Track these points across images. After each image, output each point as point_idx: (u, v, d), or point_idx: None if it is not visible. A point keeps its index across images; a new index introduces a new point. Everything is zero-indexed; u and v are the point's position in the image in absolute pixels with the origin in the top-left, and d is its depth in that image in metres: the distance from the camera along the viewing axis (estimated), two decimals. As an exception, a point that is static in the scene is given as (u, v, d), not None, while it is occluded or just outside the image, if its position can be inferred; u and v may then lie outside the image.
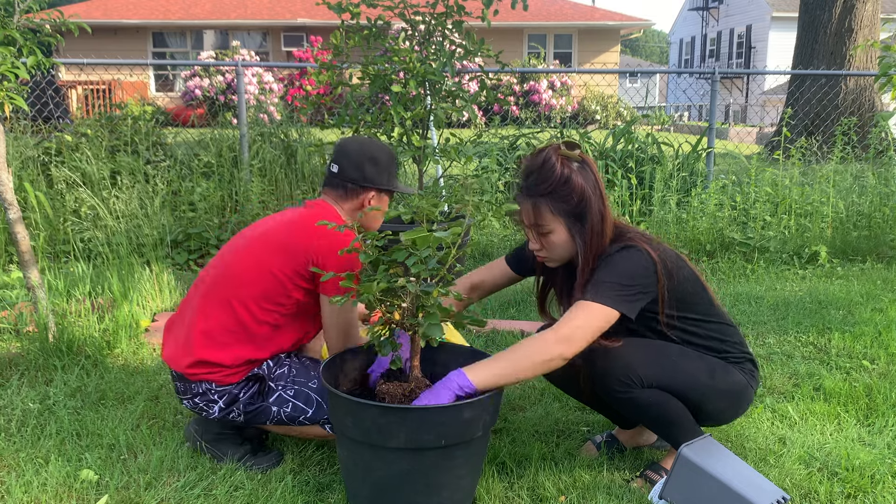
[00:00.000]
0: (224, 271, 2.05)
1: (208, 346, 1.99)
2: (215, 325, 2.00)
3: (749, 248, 4.75)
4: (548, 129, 6.54)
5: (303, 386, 2.05)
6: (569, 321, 1.77)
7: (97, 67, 7.72)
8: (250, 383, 2.03)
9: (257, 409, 2.03)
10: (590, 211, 1.87)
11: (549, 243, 1.92)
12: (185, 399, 2.06)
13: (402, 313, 1.78)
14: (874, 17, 9.75)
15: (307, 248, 1.99)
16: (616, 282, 1.81)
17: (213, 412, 2.03)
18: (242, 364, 2.01)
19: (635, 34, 22.45)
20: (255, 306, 1.99)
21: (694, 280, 1.96)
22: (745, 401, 2.00)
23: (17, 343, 3.02)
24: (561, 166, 1.86)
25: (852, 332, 3.29)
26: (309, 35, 17.11)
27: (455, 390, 1.71)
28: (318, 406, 2.03)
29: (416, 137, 3.84)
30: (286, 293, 2.00)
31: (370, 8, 3.73)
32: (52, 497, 1.90)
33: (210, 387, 2.01)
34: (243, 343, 2.00)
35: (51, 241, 4.61)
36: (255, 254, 2.03)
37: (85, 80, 11.74)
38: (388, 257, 1.77)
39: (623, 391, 1.84)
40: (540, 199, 1.87)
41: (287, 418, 2.04)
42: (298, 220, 2.07)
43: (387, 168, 2.18)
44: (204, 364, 1.99)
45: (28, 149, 5.11)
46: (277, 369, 2.06)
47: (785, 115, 5.85)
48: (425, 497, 1.76)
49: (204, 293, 2.05)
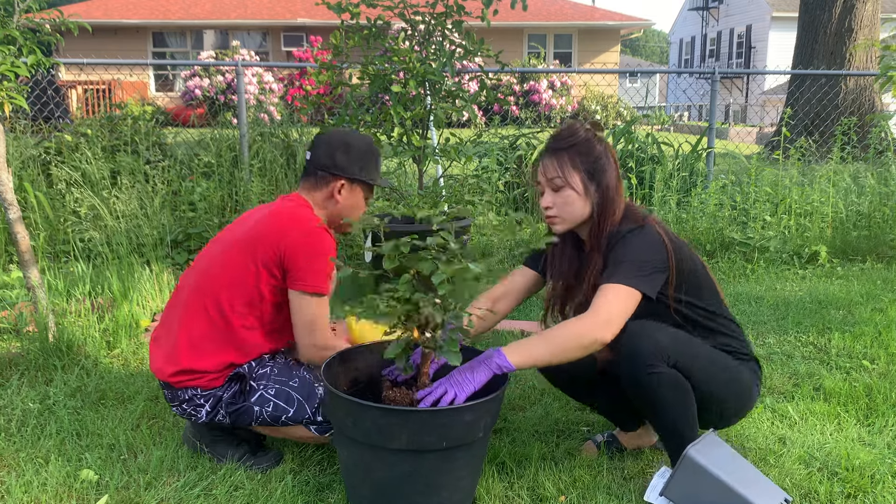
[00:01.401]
0: (199, 279, 2.05)
1: (192, 356, 2.00)
2: (197, 335, 2.01)
3: (749, 248, 4.75)
4: (548, 129, 6.54)
5: (284, 385, 2.03)
6: (604, 304, 1.79)
7: (97, 67, 7.71)
8: (232, 383, 2.03)
9: (239, 408, 2.02)
10: (606, 174, 1.95)
11: (563, 199, 1.95)
12: (174, 406, 2.06)
13: (422, 333, 1.76)
14: (874, 16, 9.75)
15: (277, 243, 1.98)
16: (633, 260, 1.85)
17: (201, 416, 2.03)
18: (226, 368, 2.01)
19: (635, 34, 22.44)
20: (231, 311, 1.99)
21: (703, 272, 2.00)
22: (750, 401, 2.01)
23: (17, 343, 3.02)
24: (585, 132, 1.98)
25: (852, 332, 3.29)
26: (309, 35, 17.10)
27: (494, 370, 1.75)
28: (300, 406, 2.01)
29: (416, 137, 3.84)
30: (256, 287, 1.98)
31: (370, 8, 3.73)
32: (52, 497, 1.90)
33: (196, 392, 2.01)
34: (226, 349, 2.00)
35: (51, 241, 4.61)
36: (228, 257, 2.03)
37: (85, 79, 11.73)
38: (411, 264, 1.71)
39: (653, 366, 1.82)
40: (562, 152, 1.95)
41: (270, 418, 2.02)
42: (269, 214, 2.05)
43: (361, 158, 2.13)
44: (188, 372, 2.00)
45: (28, 149, 5.11)
46: (260, 369, 2.05)
47: (785, 115, 5.85)
48: (425, 497, 1.76)
49: (185, 302, 2.05)
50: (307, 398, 2.02)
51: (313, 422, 2.02)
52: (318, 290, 2.00)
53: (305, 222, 2.03)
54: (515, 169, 5.86)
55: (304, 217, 2.05)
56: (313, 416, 2.02)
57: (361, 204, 2.20)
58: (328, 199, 2.13)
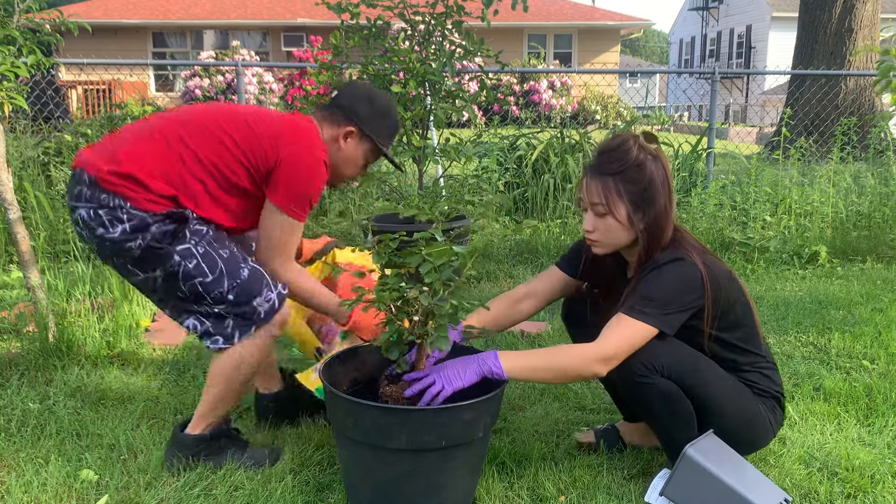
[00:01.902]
0: (180, 116, 1.95)
1: (140, 168, 1.84)
2: (150, 155, 1.86)
3: (749, 248, 4.75)
4: (548, 130, 6.53)
5: (215, 251, 1.91)
6: (614, 339, 1.77)
7: (97, 67, 7.71)
8: (168, 220, 1.86)
9: (160, 250, 1.85)
10: (655, 202, 1.85)
11: (606, 226, 1.88)
12: (82, 207, 1.85)
13: (412, 321, 1.76)
14: (874, 17, 9.75)
15: (274, 143, 1.91)
16: (661, 298, 1.79)
17: (111, 233, 1.84)
18: (168, 199, 1.86)
19: (635, 34, 22.45)
20: (194, 161, 1.88)
21: (745, 306, 1.93)
22: (764, 435, 1.98)
23: (17, 343, 3.02)
24: (637, 151, 1.86)
25: (852, 332, 3.29)
26: (309, 35, 17.09)
27: (486, 372, 1.74)
28: (220, 276, 1.89)
29: (416, 137, 3.84)
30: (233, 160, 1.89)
31: (370, 8, 3.73)
32: (52, 497, 1.90)
33: (123, 204, 1.82)
34: (175, 183, 1.87)
35: (51, 241, 4.61)
36: (217, 117, 1.94)
37: (85, 80, 11.73)
38: (401, 260, 1.73)
39: (644, 375, 1.81)
40: (609, 178, 1.85)
41: (182, 276, 1.87)
42: (279, 115, 2.01)
43: (379, 115, 2.07)
44: (128, 178, 1.82)
45: (28, 149, 5.11)
46: (198, 225, 1.91)
47: (785, 115, 5.84)
48: (425, 497, 1.76)
49: (150, 128, 1.91)
50: (230, 273, 1.91)
51: (223, 300, 1.90)
52: (296, 216, 1.95)
53: (318, 150, 1.96)
54: (515, 169, 5.86)
55: (318, 145, 1.98)
56: (225, 293, 1.90)
57: (360, 161, 2.12)
58: (333, 140, 2.07)
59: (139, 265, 1.89)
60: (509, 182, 5.78)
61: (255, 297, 1.94)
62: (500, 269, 4.50)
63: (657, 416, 1.89)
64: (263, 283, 1.96)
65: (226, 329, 1.95)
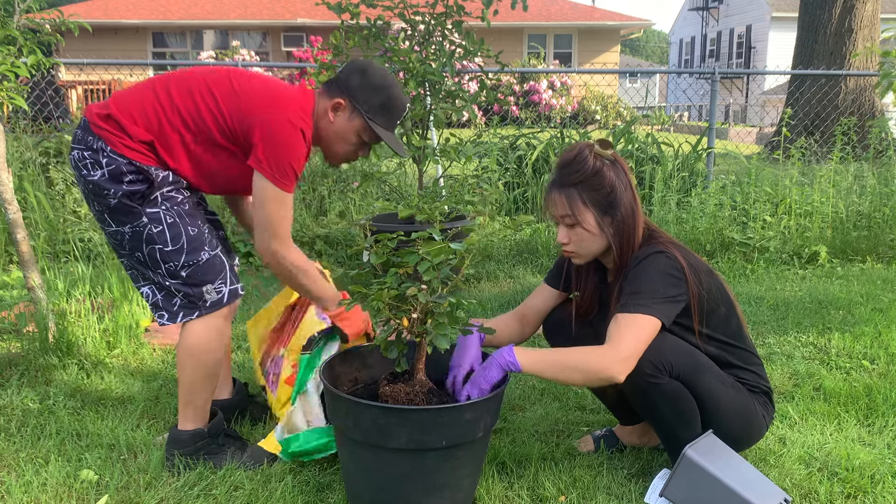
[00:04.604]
0: (182, 72, 2.00)
1: (123, 110, 1.90)
2: (137, 100, 1.92)
3: (749, 248, 4.75)
4: (548, 130, 6.53)
5: (184, 225, 1.94)
6: (626, 339, 1.77)
7: (97, 67, 7.71)
8: (140, 177, 1.90)
9: (130, 209, 1.90)
10: (620, 204, 1.89)
11: (578, 236, 1.92)
12: (75, 148, 1.93)
13: (410, 320, 1.77)
14: (874, 17, 9.75)
15: (249, 104, 1.91)
16: (648, 290, 1.81)
17: (92, 175, 1.90)
18: (144, 144, 1.90)
19: (635, 34, 22.45)
20: (173, 111, 1.91)
21: (727, 302, 1.96)
22: (758, 430, 2.00)
23: (17, 343, 3.02)
24: (593, 159, 1.89)
25: (852, 332, 3.29)
26: (309, 35, 17.11)
27: (503, 365, 1.76)
28: (178, 250, 1.92)
29: (416, 137, 3.84)
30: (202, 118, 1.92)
31: (370, 8, 3.73)
32: (52, 497, 1.90)
33: (104, 147, 1.89)
34: (151, 132, 1.91)
35: (51, 241, 4.61)
36: (208, 75, 1.97)
37: (85, 80, 11.74)
38: (399, 259, 1.74)
39: (653, 375, 1.81)
40: (571, 189, 1.89)
41: (146, 237, 1.91)
42: (271, 81, 2.01)
43: (371, 90, 2.02)
44: (111, 120, 1.89)
45: (28, 149, 5.11)
46: (173, 191, 1.95)
47: (785, 115, 5.84)
48: (426, 497, 1.76)
49: (154, 79, 1.98)
50: (190, 251, 1.93)
51: (175, 274, 1.92)
52: (280, 185, 1.92)
53: (294, 116, 1.93)
54: (515, 169, 5.86)
55: (295, 112, 1.94)
56: (178, 268, 1.92)
57: (352, 138, 2.07)
58: (324, 112, 2.03)
59: (113, 216, 1.94)
60: (509, 182, 5.79)
61: (206, 284, 1.96)
62: (500, 269, 4.50)
63: (662, 415, 1.89)
64: (220, 275, 1.98)
65: (172, 307, 1.98)
